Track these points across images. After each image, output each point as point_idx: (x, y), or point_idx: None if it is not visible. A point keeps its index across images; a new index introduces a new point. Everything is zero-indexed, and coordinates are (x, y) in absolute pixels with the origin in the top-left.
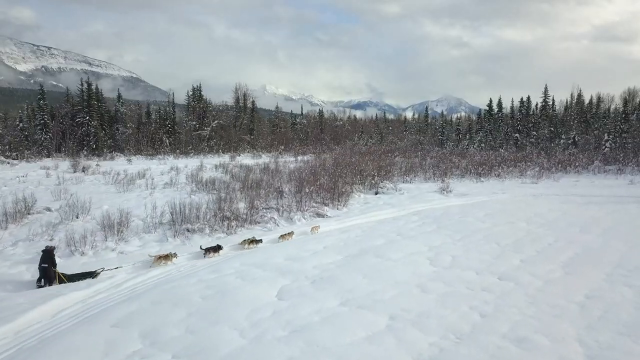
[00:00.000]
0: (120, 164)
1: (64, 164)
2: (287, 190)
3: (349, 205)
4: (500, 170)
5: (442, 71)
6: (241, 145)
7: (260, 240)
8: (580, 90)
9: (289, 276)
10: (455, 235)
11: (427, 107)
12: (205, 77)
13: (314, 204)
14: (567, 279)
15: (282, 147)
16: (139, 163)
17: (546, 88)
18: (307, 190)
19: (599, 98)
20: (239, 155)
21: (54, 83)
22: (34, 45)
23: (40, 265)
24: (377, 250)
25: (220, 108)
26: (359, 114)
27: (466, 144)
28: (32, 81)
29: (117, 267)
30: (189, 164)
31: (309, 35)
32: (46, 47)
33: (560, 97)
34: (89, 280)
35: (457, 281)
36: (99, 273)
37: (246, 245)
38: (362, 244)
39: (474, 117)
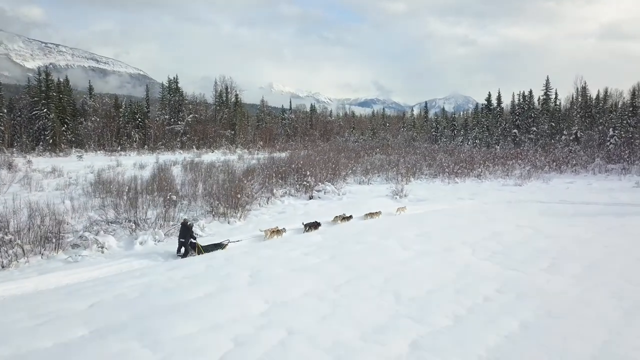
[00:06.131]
0: (67, 160)
1: None
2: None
3: (251, 216)
4: (482, 169)
5: (449, 69)
6: (218, 140)
7: (351, 217)
8: (584, 83)
9: None
10: (341, 276)
11: (426, 103)
12: (211, 74)
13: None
14: None
15: (261, 143)
16: (90, 159)
17: (547, 80)
18: (171, 198)
19: (606, 92)
20: (212, 152)
21: (62, 80)
22: (42, 42)
23: (180, 239)
24: (159, 319)
25: (198, 101)
26: (363, 111)
27: (460, 140)
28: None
29: (238, 240)
30: (144, 160)
31: (315, 33)
32: (54, 44)
33: (567, 94)
34: None
35: None
36: (226, 245)
37: (339, 221)
38: (162, 300)
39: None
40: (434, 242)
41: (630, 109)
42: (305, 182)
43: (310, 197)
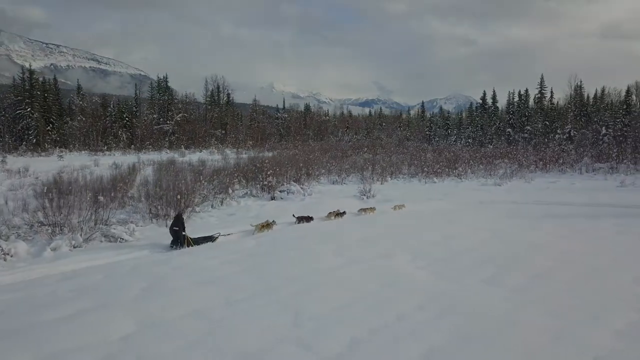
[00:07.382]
0: (47, 160)
1: None
2: (137, 196)
3: (196, 218)
4: (463, 168)
5: (450, 69)
6: (207, 140)
7: (344, 212)
8: (580, 82)
9: None
10: (247, 289)
11: (423, 103)
12: (212, 75)
13: (115, 222)
14: None
15: (251, 142)
16: (70, 159)
17: (542, 79)
18: (97, 198)
19: (603, 91)
20: (200, 151)
21: (63, 80)
22: (43, 43)
23: (172, 228)
24: None
25: (188, 100)
26: (362, 111)
27: (453, 139)
28: (40, 79)
29: (229, 234)
30: (123, 160)
31: (315, 33)
32: (55, 44)
33: (566, 93)
34: None
35: None
36: (217, 237)
37: (333, 217)
38: (17, 320)
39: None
40: (374, 247)
41: (624, 107)
42: (266, 182)
43: (272, 198)
